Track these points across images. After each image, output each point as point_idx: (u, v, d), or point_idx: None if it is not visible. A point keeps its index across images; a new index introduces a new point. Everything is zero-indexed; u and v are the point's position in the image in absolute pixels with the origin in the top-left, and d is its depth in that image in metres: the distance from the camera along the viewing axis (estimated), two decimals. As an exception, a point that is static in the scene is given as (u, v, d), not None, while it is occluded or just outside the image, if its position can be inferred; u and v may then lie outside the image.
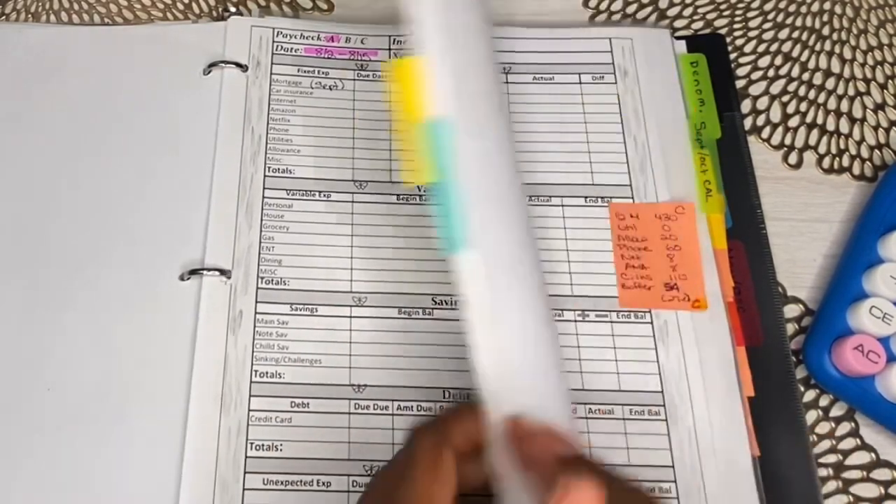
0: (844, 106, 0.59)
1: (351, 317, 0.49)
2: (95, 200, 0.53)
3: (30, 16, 0.61)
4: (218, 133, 0.54)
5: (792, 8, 0.62)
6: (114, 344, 0.49)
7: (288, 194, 0.52)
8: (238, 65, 0.56)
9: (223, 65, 0.56)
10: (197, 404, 0.47)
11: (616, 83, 0.56)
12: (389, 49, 0.57)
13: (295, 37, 0.57)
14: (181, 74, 0.56)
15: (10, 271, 0.51)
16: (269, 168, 0.53)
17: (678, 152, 0.54)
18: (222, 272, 0.50)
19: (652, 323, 0.49)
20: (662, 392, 0.48)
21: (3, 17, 0.60)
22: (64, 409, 0.48)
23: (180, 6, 0.61)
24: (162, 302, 0.50)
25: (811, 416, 0.51)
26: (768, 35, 0.61)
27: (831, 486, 0.49)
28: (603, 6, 0.62)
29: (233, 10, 0.60)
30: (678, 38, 0.58)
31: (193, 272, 0.50)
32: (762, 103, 0.59)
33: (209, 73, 0.56)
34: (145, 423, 0.47)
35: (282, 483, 0.45)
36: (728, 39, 0.60)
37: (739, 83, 0.59)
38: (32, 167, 0.54)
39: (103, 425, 0.47)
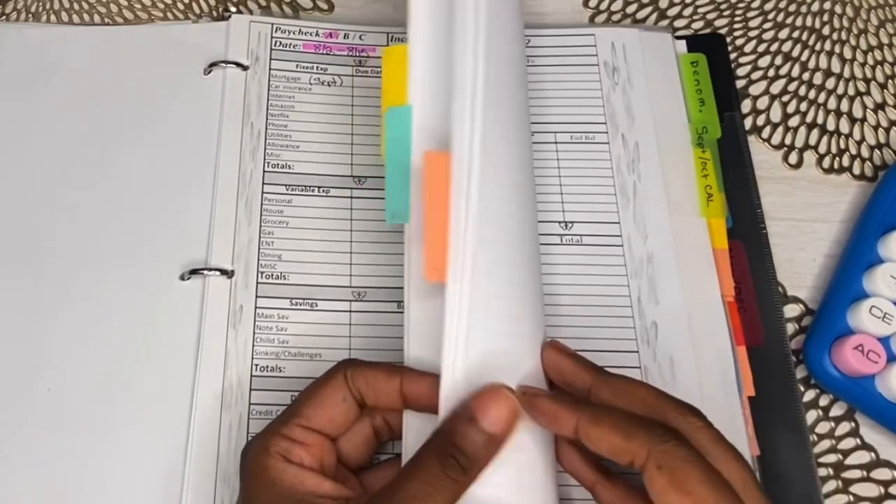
0: (844, 106, 0.59)
1: (350, 311, 0.50)
2: (95, 200, 0.53)
3: (30, 16, 0.61)
4: (219, 133, 0.54)
5: (792, 8, 0.62)
6: (114, 343, 0.49)
7: (287, 189, 0.52)
8: (239, 65, 0.56)
9: (224, 64, 0.56)
10: (201, 401, 0.47)
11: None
12: (387, 45, 0.57)
13: (294, 33, 0.57)
14: (181, 74, 0.56)
15: (11, 271, 0.51)
16: (268, 163, 0.53)
17: (678, 156, 0.54)
18: (224, 272, 0.50)
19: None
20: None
21: (3, 17, 0.60)
22: (64, 408, 0.48)
23: (180, 6, 0.61)
24: (163, 301, 0.50)
25: (811, 415, 0.51)
26: (768, 35, 0.61)
27: (831, 485, 0.49)
28: (603, 6, 0.62)
29: (233, 10, 0.60)
30: (678, 37, 0.58)
31: (194, 272, 0.50)
32: (762, 103, 0.59)
33: (209, 72, 0.56)
34: (146, 422, 0.47)
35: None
36: (728, 39, 0.60)
37: (739, 83, 0.59)
38: (33, 167, 0.54)
39: (104, 424, 0.47)
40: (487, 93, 0.43)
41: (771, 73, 0.60)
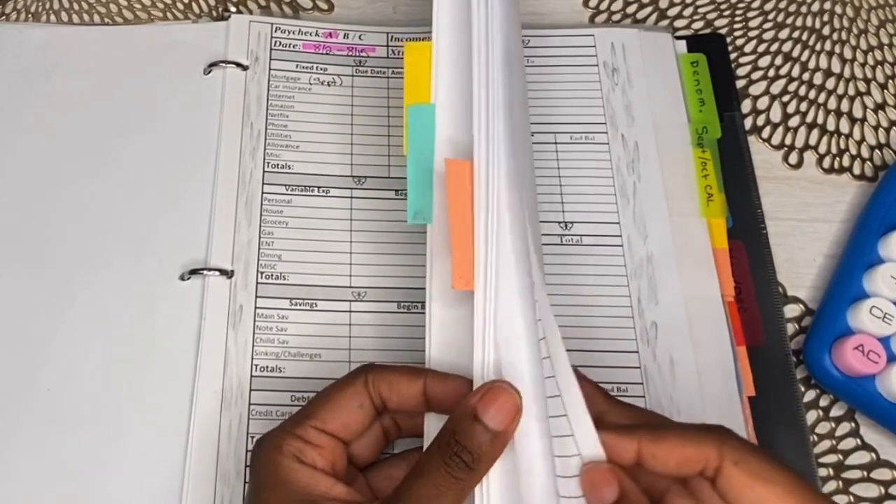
0: (845, 106, 0.59)
1: (350, 311, 0.49)
2: (95, 201, 0.53)
3: (30, 16, 0.61)
4: (219, 133, 0.54)
5: (792, 8, 0.62)
6: (114, 343, 0.49)
7: (287, 189, 0.52)
8: (238, 65, 0.56)
9: (224, 64, 0.56)
10: (201, 401, 0.47)
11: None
12: (387, 45, 0.57)
13: (293, 33, 0.57)
14: (181, 74, 0.56)
15: (11, 271, 0.51)
16: (268, 164, 0.53)
17: (678, 156, 0.54)
18: (223, 272, 0.50)
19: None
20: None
21: (3, 17, 0.60)
22: (64, 409, 0.47)
23: (180, 6, 0.61)
24: (162, 301, 0.50)
25: (811, 416, 0.51)
26: (768, 35, 0.61)
27: (831, 486, 0.49)
28: (603, 6, 0.62)
29: (233, 10, 0.60)
30: (678, 37, 0.58)
31: (194, 272, 0.50)
32: (762, 103, 0.59)
33: (209, 72, 0.56)
34: (146, 422, 0.47)
35: (282, 478, 0.45)
36: (728, 39, 0.60)
37: (740, 83, 0.59)
38: (32, 167, 0.54)
39: (103, 425, 0.47)
40: (503, 97, 0.44)
41: (771, 73, 0.60)
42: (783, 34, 0.61)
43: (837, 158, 0.57)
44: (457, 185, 0.42)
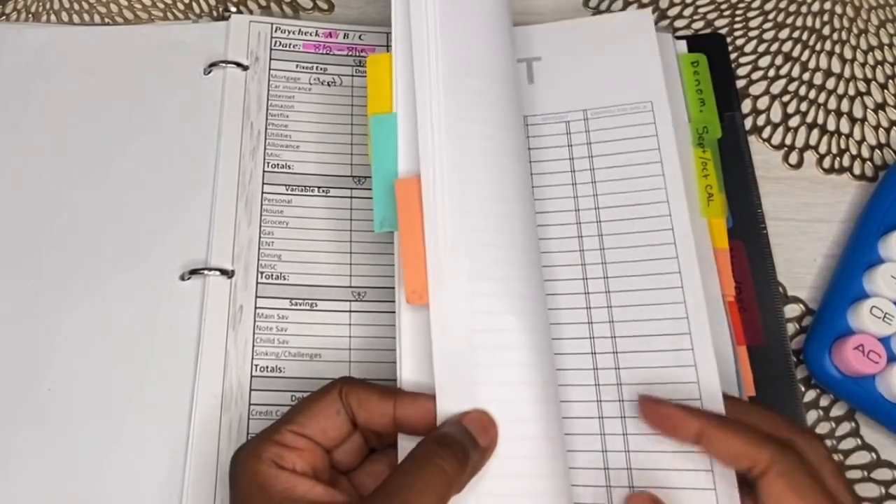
0: (845, 106, 0.58)
1: (350, 311, 0.50)
2: (95, 200, 0.53)
3: (30, 16, 0.61)
4: (219, 133, 0.54)
5: (792, 8, 0.62)
6: (115, 344, 0.49)
7: (287, 189, 0.52)
8: (239, 65, 0.56)
9: (224, 64, 0.56)
10: (201, 401, 0.47)
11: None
12: (387, 45, 0.57)
13: (293, 33, 0.57)
14: (181, 74, 0.56)
15: (11, 271, 0.51)
16: (268, 163, 0.53)
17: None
18: (224, 272, 0.50)
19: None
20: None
21: (4, 17, 0.60)
22: (65, 409, 0.48)
23: (180, 6, 0.61)
24: (163, 302, 0.50)
25: (811, 416, 0.51)
26: (769, 35, 0.61)
27: (832, 485, 0.49)
28: (603, 6, 0.62)
29: (233, 10, 0.60)
30: (678, 37, 0.58)
31: (194, 272, 0.50)
32: (763, 103, 0.59)
33: (209, 72, 0.56)
34: (146, 422, 0.47)
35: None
36: (728, 39, 0.60)
37: (740, 83, 0.59)
38: (33, 167, 0.54)
39: (104, 425, 0.47)
40: (454, 111, 0.44)
41: (771, 73, 0.60)
42: (783, 34, 0.61)
43: (837, 158, 0.57)
44: (406, 203, 0.43)
